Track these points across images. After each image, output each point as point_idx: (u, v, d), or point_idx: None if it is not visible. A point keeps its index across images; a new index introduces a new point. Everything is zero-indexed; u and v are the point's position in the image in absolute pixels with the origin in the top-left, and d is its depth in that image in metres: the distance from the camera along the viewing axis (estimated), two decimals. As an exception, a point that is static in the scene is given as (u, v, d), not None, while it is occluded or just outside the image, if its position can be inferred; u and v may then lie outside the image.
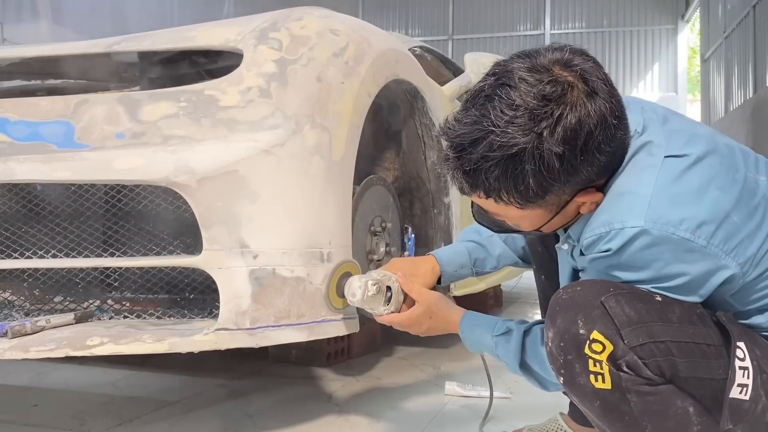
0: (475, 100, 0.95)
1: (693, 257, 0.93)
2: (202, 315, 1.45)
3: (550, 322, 0.99)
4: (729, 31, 10.58)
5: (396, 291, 1.29)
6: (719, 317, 0.97)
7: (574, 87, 0.91)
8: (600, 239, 0.97)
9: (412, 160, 2.03)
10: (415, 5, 14.60)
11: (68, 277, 1.48)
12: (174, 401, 1.76)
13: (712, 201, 0.94)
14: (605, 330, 0.93)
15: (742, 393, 0.94)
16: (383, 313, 1.29)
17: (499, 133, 0.90)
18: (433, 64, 3.14)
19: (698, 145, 0.99)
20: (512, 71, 0.93)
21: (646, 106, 1.06)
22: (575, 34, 13.77)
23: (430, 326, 1.28)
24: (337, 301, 1.38)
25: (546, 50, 0.96)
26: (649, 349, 0.92)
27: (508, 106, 0.90)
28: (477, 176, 0.94)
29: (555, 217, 1.01)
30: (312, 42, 1.46)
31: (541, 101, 0.89)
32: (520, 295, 4.07)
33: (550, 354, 0.99)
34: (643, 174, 0.96)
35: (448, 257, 1.41)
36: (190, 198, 1.27)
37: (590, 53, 0.97)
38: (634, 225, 0.93)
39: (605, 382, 0.93)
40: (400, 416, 1.66)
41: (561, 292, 1.01)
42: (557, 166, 0.90)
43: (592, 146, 0.91)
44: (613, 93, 0.94)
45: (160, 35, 1.56)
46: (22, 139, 1.34)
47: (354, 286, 1.30)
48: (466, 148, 0.93)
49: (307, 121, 1.37)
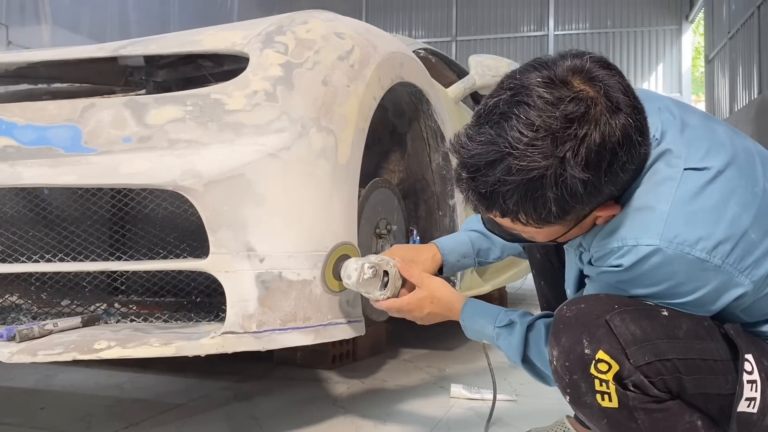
0: (490, 116, 0.89)
1: (707, 276, 0.91)
2: (209, 318, 1.45)
3: (554, 339, 0.98)
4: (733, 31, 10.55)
5: (393, 276, 1.27)
6: (727, 330, 0.96)
7: (598, 103, 0.85)
8: (612, 253, 0.94)
9: (416, 162, 2.03)
10: (419, 7, 14.61)
11: (75, 280, 1.48)
12: (180, 404, 1.77)
13: (731, 218, 0.91)
14: (611, 349, 0.92)
15: (750, 406, 0.94)
16: (379, 297, 1.27)
17: (517, 156, 0.85)
18: (437, 66, 3.14)
19: (718, 157, 0.95)
20: (529, 87, 0.87)
21: (663, 106, 1.01)
22: (579, 35, 13.76)
23: (431, 311, 1.24)
24: (333, 283, 1.36)
25: (562, 58, 0.90)
26: (655, 367, 0.91)
27: (527, 126, 0.85)
28: (494, 199, 0.90)
29: (571, 230, 0.97)
30: (317, 45, 1.46)
31: (564, 122, 0.84)
32: (525, 296, 4.07)
33: (555, 372, 0.98)
34: (661, 188, 0.93)
35: (451, 247, 1.38)
36: (197, 202, 1.28)
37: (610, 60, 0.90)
38: (648, 243, 0.90)
39: (612, 401, 0.92)
40: (405, 419, 1.66)
41: (565, 309, 0.99)
42: (581, 191, 0.86)
43: (616, 167, 0.87)
44: (636, 107, 0.89)
45: (166, 39, 1.57)
46: (30, 144, 1.35)
47: (350, 268, 1.28)
48: (481, 169, 0.88)
49: (313, 125, 1.37)
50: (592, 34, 13.67)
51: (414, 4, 14.62)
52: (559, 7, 13.92)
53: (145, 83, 1.75)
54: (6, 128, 1.37)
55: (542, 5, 14.01)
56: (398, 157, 2.05)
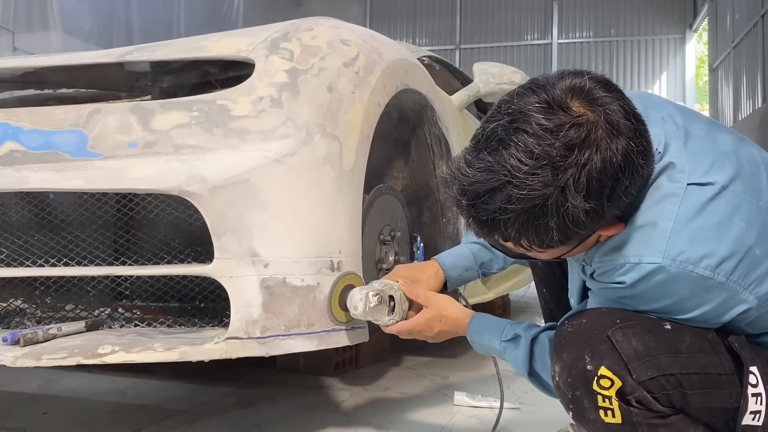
0: (488, 143, 0.87)
1: (710, 293, 0.91)
2: (213, 324, 1.45)
3: (556, 355, 0.97)
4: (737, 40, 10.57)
5: (399, 299, 1.28)
6: (731, 342, 0.95)
7: (598, 128, 0.83)
8: (614, 270, 0.94)
9: (421, 169, 2.03)
10: (423, 15, 14.66)
11: (80, 285, 1.48)
12: (183, 410, 1.76)
13: (735, 234, 0.90)
14: (613, 365, 0.91)
15: (755, 419, 0.93)
16: (388, 323, 1.28)
17: (517, 184, 0.83)
18: (441, 73, 3.14)
19: (723, 170, 0.93)
20: (527, 113, 0.84)
21: (666, 115, 0.99)
22: (583, 43, 13.79)
23: (441, 330, 1.25)
24: (340, 315, 1.37)
25: (561, 78, 0.87)
26: (658, 382, 0.91)
27: (527, 154, 0.83)
28: (495, 226, 0.89)
29: (575, 248, 0.96)
30: (323, 52, 1.47)
31: (563, 150, 0.82)
32: (528, 304, 4.06)
33: (558, 388, 0.98)
34: (664, 204, 0.91)
35: (452, 261, 1.38)
36: (202, 207, 1.28)
37: (605, 71, 0.91)
38: (651, 261, 0.90)
39: (615, 417, 0.92)
40: (408, 426, 1.66)
41: (566, 324, 0.99)
42: (583, 219, 0.85)
43: (619, 192, 0.86)
44: (638, 130, 0.86)
45: (172, 45, 1.57)
46: (36, 148, 1.35)
47: (355, 298, 1.29)
48: (481, 197, 0.87)
49: (318, 131, 1.37)
50: (596, 43, 13.69)
51: (418, 12, 14.68)
52: (563, 15, 13.95)
53: (151, 89, 1.75)
54: (12, 133, 1.37)
55: (546, 13, 14.05)
56: (402, 164, 2.05)
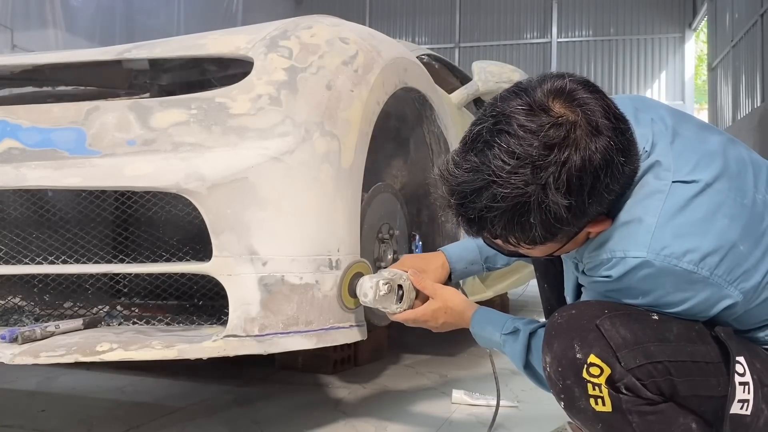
0: (474, 144, 0.91)
1: (695, 288, 0.93)
2: (211, 321, 1.45)
3: (547, 346, 0.99)
4: (737, 39, 10.57)
5: (407, 289, 1.31)
6: (718, 333, 0.97)
7: (578, 127, 0.87)
8: (601, 265, 0.96)
9: (419, 167, 2.03)
10: (422, 13, 14.64)
11: (78, 282, 1.48)
12: (181, 407, 1.77)
13: (719, 230, 0.92)
14: (602, 353, 0.93)
15: (743, 408, 0.94)
16: (396, 311, 1.30)
17: (501, 183, 0.88)
18: (440, 72, 3.14)
19: (708, 169, 0.96)
20: (509, 115, 0.89)
21: (656, 117, 1.02)
22: (582, 42, 13.78)
23: (446, 321, 1.28)
24: (349, 301, 1.39)
25: (542, 81, 0.91)
26: (646, 370, 0.92)
27: (509, 155, 0.87)
28: (482, 224, 0.93)
29: (566, 245, 0.99)
30: (322, 50, 1.47)
31: (543, 149, 0.86)
32: (526, 303, 4.06)
33: (549, 379, 0.99)
34: (649, 200, 0.94)
35: (458, 254, 1.41)
36: (201, 205, 1.28)
37: (596, 73, 0.93)
38: (636, 255, 0.92)
39: (605, 405, 0.93)
40: (407, 424, 1.66)
41: (556, 316, 1.01)
42: (565, 215, 0.88)
43: (600, 189, 0.89)
44: (618, 128, 0.89)
45: (171, 43, 1.57)
46: (34, 146, 1.35)
47: (365, 286, 1.32)
48: (468, 196, 0.91)
49: (316, 129, 1.37)
50: (595, 42, 13.68)
51: (417, 11, 14.66)
52: (563, 14, 13.94)
53: (150, 86, 1.75)
54: (11, 130, 1.37)
55: (545, 12, 14.04)
56: (401, 162, 2.05)
